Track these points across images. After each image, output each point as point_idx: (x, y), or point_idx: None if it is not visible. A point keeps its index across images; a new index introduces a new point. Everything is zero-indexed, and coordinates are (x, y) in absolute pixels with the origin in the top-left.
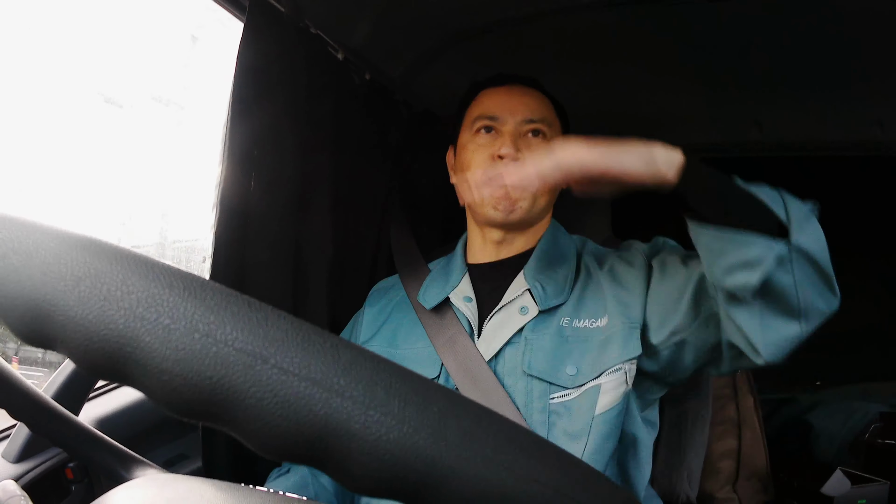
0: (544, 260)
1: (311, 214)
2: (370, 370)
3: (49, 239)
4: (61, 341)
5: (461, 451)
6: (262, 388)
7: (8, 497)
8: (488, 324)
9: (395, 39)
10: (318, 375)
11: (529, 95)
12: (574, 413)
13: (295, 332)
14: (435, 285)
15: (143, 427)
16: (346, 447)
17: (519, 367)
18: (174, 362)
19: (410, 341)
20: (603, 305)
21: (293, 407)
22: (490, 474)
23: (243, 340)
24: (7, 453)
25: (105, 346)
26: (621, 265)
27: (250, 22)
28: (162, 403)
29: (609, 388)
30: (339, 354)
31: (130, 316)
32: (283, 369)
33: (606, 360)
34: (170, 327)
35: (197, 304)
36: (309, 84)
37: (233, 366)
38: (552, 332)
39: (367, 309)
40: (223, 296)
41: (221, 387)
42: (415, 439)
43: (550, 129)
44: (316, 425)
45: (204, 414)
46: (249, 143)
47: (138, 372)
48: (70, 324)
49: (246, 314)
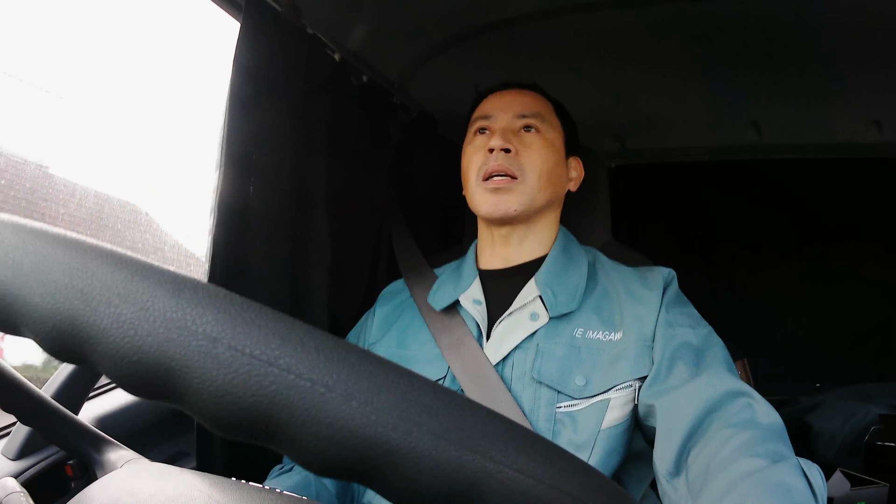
0: (556, 267)
1: (310, 216)
2: (403, 387)
3: (83, 256)
4: (99, 361)
5: (506, 468)
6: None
7: (7, 494)
8: (497, 328)
9: (392, 41)
10: (365, 395)
11: (524, 95)
12: (580, 424)
13: (332, 350)
14: (445, 287)
15: (143, 425)
16: (391, 464)
17: (528, 374)
18: (225, 384)
19: (418, 343)
20: (619, 320)
21: (354, 434)
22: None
23: (298, 366)
24: (7, 450)
25: (151, 368)
26: (639, 283)
27: (247, 22)
28: (208, 422)
29: (618, 403)
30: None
31: (183, 336)
32: (329, 387)
33: (618, 375)
34: (221, 351)
35: (220, 317)
36: (306, 85)
37: (286, 389)
38: (565, 342)
39: (378, 310)
40: (245, 307)
41: (269, 407)
42: (456, 454)
43: (544, 125)
44: (362, 443)
45: (251, 433)
46: (247, 144)
47: (187, 393)
48: (111, 345)
49: (283, 333)
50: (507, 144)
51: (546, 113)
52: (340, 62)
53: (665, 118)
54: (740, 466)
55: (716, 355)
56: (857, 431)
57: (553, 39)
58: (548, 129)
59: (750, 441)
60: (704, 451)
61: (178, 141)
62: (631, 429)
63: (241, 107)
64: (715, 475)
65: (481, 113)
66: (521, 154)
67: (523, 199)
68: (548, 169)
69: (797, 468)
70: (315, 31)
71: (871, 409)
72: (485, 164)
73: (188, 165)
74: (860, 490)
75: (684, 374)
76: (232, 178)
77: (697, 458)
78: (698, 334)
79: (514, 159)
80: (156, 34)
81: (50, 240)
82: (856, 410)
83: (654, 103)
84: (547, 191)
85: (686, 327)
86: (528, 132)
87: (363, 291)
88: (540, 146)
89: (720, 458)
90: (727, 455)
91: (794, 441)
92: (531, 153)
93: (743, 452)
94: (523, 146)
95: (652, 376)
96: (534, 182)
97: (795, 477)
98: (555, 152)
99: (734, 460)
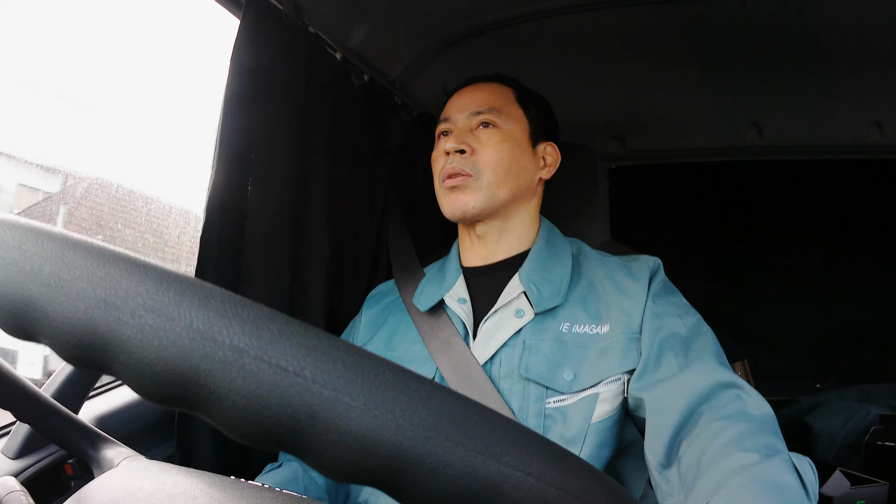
0: (539, 262)
1: (309, 216)
2: (441, 401)
3: (90, 258)
4: (121, 371)
5: (504, 466)
6: (342, 424)
7: (7, 492)
8: (483, 326)
9: (394, 40)
10: (405, 417)
11: (481, 90)
12: (570, 419)
13: (376, 369)
14: (430, 288)
15: (143, 424)
16: (413, 475)
17: (516, 370)
18: (251, 395)
19: (406, 344)
20: (605, 313)
21: (374, 440)
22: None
23: (335, 387)
24: (7, 449)
25: (174, 378)
26: (624, 274)
27: (247, 19)
28: (232, 432)
29: (607, 397)
30: (430, 395)
31: (204, 348)
32: (353, 403)
33: (606, 368)
34: (247, 364)
35: (242, 326)
36: (307, 84)
37: (315, 400)
38: (551, 337)
39: (365, 313)
40: (286, 325)
41: (301, 420)
42: (474, 465)
43: (501, 118)
44: (388, 454)
45: (277, 443)
46: (245, 144)
47: (208, 402)
48: (135, 354)
49: (322, 349)
50: (461, 146)
51: (504, 104)
52: (342, 61)
53: (666, 118)
54: (732, 461)
55: (705, 344)
56: (858, 431)
57: (554, 40)
58: (505, 122)
59: (742, 434)
60: (695, 443)
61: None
62: (621, 421)
63: (239, 106)
64: (707, 469)
65: (444, 115)
66: (476, 153)
67: (480, 196)
68: (505, 163)
69: (789, 463)
70: (317, 30)
71: (872, 409)
72: (444, 167)
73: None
74: (860, 489)
75: (673, 366)
76: (227, 178)
77: (688, 450)
78: (686, 323)
79: (469, 159)
80: (152, 30)
81: (70, 246)
82: (856, 410)
83: (655, 103)
84: (507, 184)
85: (674, 317)
86: (485, 128)
87: (362, 292)
88: (496, 141)
89: (711, 452)
90: (718, 448)
91: (794, 441)
92: (486, 150)
93: (735, 446)
94: (479, 144)
95: (640, 368)
96: (490, 178)
97: (787, 473)
98: (515, 144)
99: (726, 454)
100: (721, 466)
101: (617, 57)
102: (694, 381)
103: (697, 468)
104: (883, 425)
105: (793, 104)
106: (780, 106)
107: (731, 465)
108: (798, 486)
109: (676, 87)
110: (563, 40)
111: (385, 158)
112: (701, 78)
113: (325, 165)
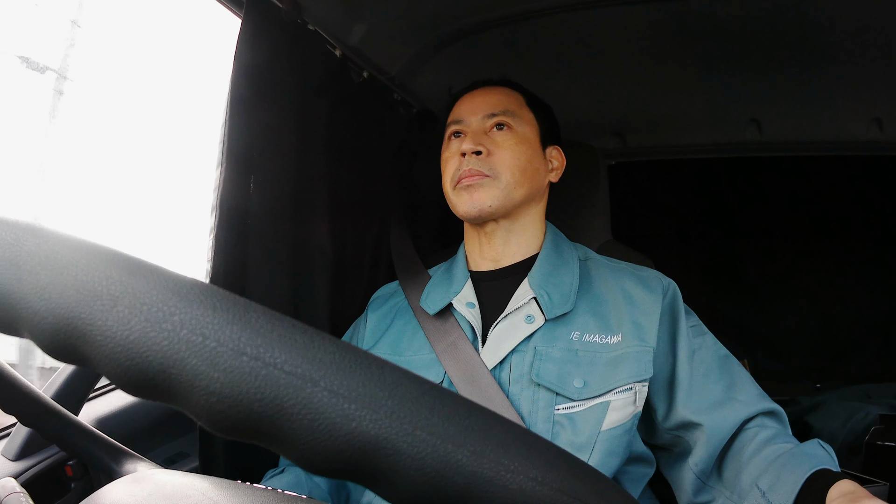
0: (548, 267)
1: (311, 215)
2: (416, 390)
3: (79, 253)
4: (98, 361)
5: (497, 466)
6: (313, 410)
7: (7, 494)
8: (493, 331)
9: (393, 37)
10: (368, 398)
11: (493, 93)
12: (579, 426)
13: (342, 354)
14: (437, 291)
15: (144, 426)
16: (393, 464)
17: (526, 376)
18: (223, 384)
19: (414, 348)
20: (617, 323)
21: (343, 428)
22: (525, 487)
23: (293, 363)
24: (7, 451)
25: (148, 367)
26: (637, 286)
27: (248, 18)
28: (206, 422)
29: (618, 406)
30: (384, 375)
31: (175, 339)
32: (334, 392)
33: (617, 377)
34: (217, 350)
35: (243, 328)
36: (307, 82)
37: (283, 388)
38: (562, 345)
39: (370, 315)
40: (268, 318)
41: (272, 408)
42: (457, 456)
43: (515, 120)
44: (364, 444)
45: (249, 433)
46: (248, 142)
47: (183, 393)
48: (110, 344)
49: (293, 336)
50: (478, 147)
51: (517, 108)
52: (341, 58)
53: (666, 115)
54: (769, 451)
55: (738, 370)
56: (858, 431)
57: (554, 36)
58: (519, 124)
59: (774, 435)
60: (733, 450)
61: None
62: (632, 431)
63: (242, 104)
64: (747, 463)
65: (454, 117)
66: (493, 154)
67: (498, 195)
68: (521, 164)
69: (817, 443)
70: (316, 28)
71: (872, 410)
72: (458, 168)
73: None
74: None
75: (717, 392)
76: (233, 177)
77: (727, 457)
78: (709, 343)
79: (486, 160)
80: (155, 30)
81: (49, 238)
82: (856, 410)
83: (655, 100)
84: (523, 185)
85: (700, 342)
86: (499, 130)
87: (363, 291)
88: (512, 143)
89: (750, 450)
90: (755, 447)
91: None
92: (503, 151)
93: (770, 443)
94: (495, 146)
95: (686, 393)
96: (508, 179)
97: (819, 449)
98: (529, 146)
99: (763, 448)
100: (761, 458)
101: (617, 53)
102: (742, 408)
103: (738, 465)
104: (883, 425)
105: (792, 101)
106: (779, 102)
107: (770, 455)
108: (829, 456)
109: (676, 83)
110: (562, 37)
111: (386, 155)
112: (700, 74)
113: (325, 162)
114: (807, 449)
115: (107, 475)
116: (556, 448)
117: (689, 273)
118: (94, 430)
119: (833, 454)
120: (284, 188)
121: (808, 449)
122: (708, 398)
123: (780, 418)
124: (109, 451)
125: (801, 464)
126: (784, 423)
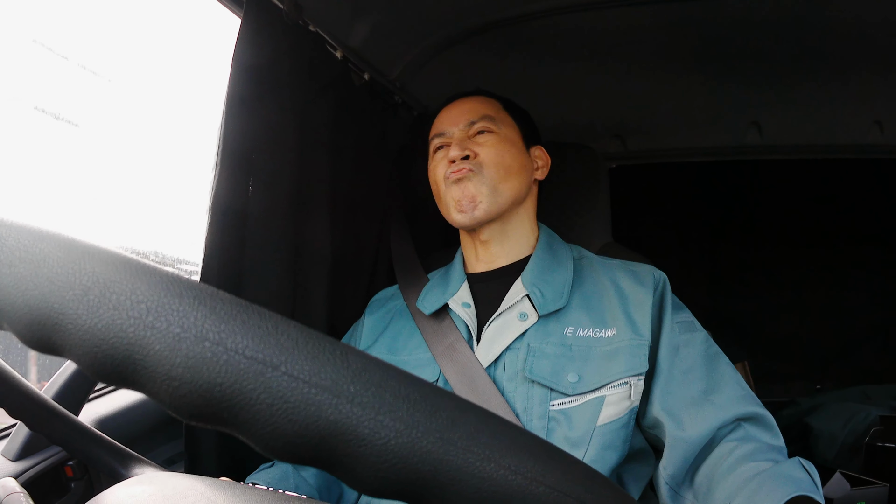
0: (541, 266)
1: (310, 217)
2: (379, 376)
3: (55, 247)
4: (69, 349)
5: (467, 454)
6: (272, 395)
7: (7, 494)
8: (487, 329)
9: (394, 39)
10: (328, 382)
11: (470, 102)
12: (574, 421)
13: (305, 340)
14: (434, 292)
15: (144, 426)
16: (355, 451)
17: (520, 373)
18: (184, 369)
19: (410, 348)
20: (610, 317)
21: (303, 412)
22: (498, 476)
23: (254, 348)
24: (7, 451)
25: (114, 353)
26: (629, 280)
27: (248, 19)
28: (170, 408)
29: (613, 400)
30: (348, 361)
31: (140, 325)
32: (294, 376)
33: (612, 371)
34: (180, 336)
35: (207, 314)
36: (308, 84)
37: (244, 373)
38: (556, 340)
39: (367, 317)
40: (232, 305)
41: (232, 393)
42: (423, 443)
43: (496, 124)
44: (325, 430)
45: (211, 418)
46: (247, 144)
47: (147, 378)
48: (79, 332)
49: (256, 323)
50: (465, 151)
51: (495, 113)
52: (342, 60)
53: (666, 118)
54: (747, 469)
55: (724, 370)
56: (858, 432)
57: (556, 39)
58: (500, 127)
59: (753, 450)
60: (708, 460)
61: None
62: (630, 425)
63: (241, 106)
64: (722, 479)
65: (436, 131)
66: (479, 156)
67: (485, 190)
68: (507, 162)
69: (798, 463)
70: (317, 29)
71: (872, 411)
72: (447, 171)
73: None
74: (860, 490)
75: (695, 392)
76: (229, 178)
77: (701, 466)
78: (698, 340)
79: (473, 161)
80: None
81: (26, 233)
82: (856, 412)
83: (656, 103)
84: (509, 181)
85: (688, 338)
86: (482, 135)
87: (363, 294)
88: (495, 143)
89: (726, 465)
90: (732, 463)
91: (794, 442)
92: (488, 151)
93: (747, 459)
94: (480, 148)
95: (662, 390)
96: (493, 174)
97: (798, 470)
98: (512, 145)
99: (739, 465)
100: (736, 475)
101: (617, 56)
102: (718, 412)
103: (711, 480)
104: (883, 426)
105: (793, 104)
106: (780, 105)
107: (746, 473)
108: (809, 479)
109: (677, 86)
110: (564, 39)
111: (386, 158)
112: (701, 77)
113: (325, 164)
114: (786, 470)
115: (111, 477)
116: (534, 437)
117: (689, 274)
118: (99, 433)
119: (815, 474)
120: (283, 190)
121: (787, 470)
122: (684, 397)
123: (765, 424)
124: (114, 454)
125: (777, 486)
126: (770, 428)
